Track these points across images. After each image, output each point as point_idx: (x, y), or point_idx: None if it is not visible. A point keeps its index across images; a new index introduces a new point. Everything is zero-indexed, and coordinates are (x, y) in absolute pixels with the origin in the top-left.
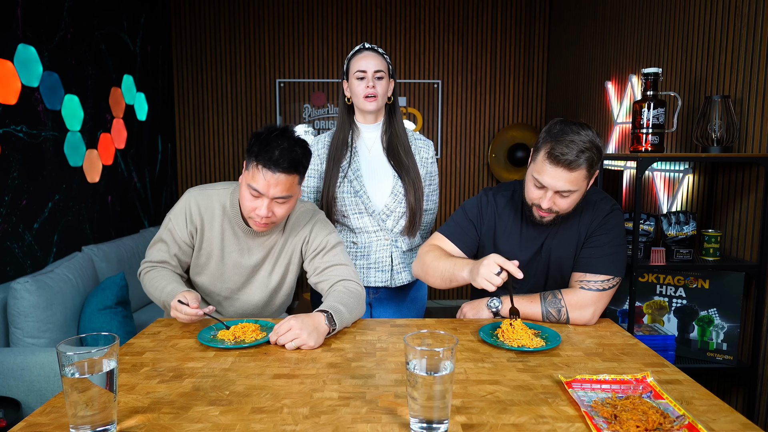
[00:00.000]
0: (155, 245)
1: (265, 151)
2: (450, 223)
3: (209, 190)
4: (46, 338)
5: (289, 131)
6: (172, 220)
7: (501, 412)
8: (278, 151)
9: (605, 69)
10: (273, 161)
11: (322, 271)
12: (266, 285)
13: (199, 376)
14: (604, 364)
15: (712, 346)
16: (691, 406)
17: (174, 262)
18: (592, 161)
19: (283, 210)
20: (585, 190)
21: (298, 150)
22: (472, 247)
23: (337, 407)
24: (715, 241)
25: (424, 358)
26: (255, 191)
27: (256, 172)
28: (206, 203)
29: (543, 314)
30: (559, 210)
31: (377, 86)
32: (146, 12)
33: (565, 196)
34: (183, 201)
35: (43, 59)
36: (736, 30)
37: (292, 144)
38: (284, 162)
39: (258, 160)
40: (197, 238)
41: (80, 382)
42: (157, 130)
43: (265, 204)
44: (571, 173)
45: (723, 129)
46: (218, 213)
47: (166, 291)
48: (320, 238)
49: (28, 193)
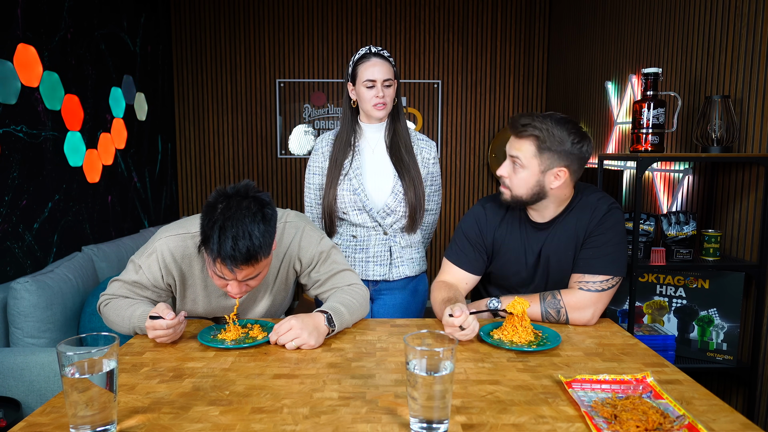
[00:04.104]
0: (117, 286)
1: (218, 246)
2: (453, 248)
3: (183, 233)
4: (46, 338)
5: (245, 197)
6: (144, 270)
7: (501, 412)
8: (231, 243)
9: (605, 69)
10: (228, 258)
11: (324, 282)
12: (257, 311)
13: (199, 376)
14: (604, 364)
15: (712, 346)
16: (691, 406)
17: (143, 301)
18: (539, 140)
19: (258, 281)
20: (537, 175)
21: (256, 233)
22: (480, 265)
23: (337, 407)
24: (715, 241)
25: (424, 358)
26: (220, 277)
27: (217, 263)
28: (182, 251)
29: (542, 314)
30: (510, 185)
31: (386, 94)
32: (146, 12)
33: (516, 167)
34: (156, 250)
35: (43, 59)
36: (736, 30)
37: (249, 226)
38: (240, 257)
39: (212, 255)
40: (178, 288)
41: (80, 382)
42: (157, 130)
43: (236, 284)
44: (521, 141)
45: (723, 129)
46: (196, 259)
47: (137, 315)
48: (311, 251)
49: (28, 193)
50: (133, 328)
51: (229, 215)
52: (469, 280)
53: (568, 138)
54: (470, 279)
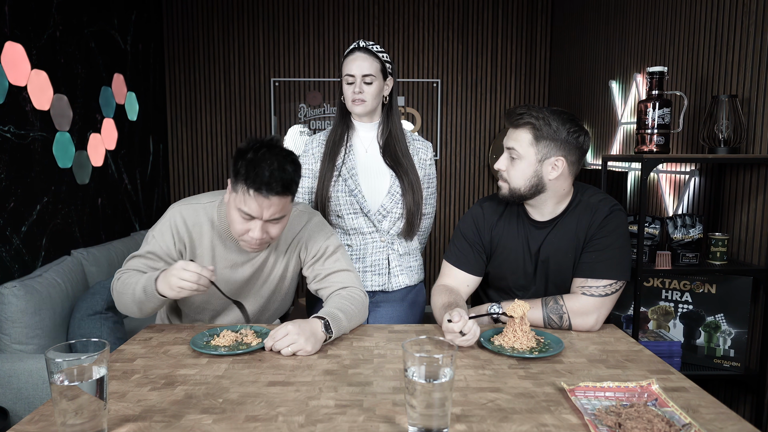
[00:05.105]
0: (132, 260)
1: (255, 174)
2: (452, 249)
3: (194, 204)
4: (34, 344)
5: (276, 145)
6: (157, 237)
7: (502, 420)
8: (268, 172)
9: (609, 67)
10: (264, 184)
11: (324, 278)
12: (260, 295)
13: (191, 383)
14: (608, 371)
15: (719, 353)
16: (698, 414)
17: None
18: (535, 128)
19: (278, 229)
20: (534, 165)
21: (289, 168)
22: (480, 266)
23: (334, 415)
24: (722, 245)
25: (423, 365)
26: (247, 215)
27: (246, 197)
28: (193, 219)
29: (544, 320)
30: (508, 178)
31: (365, 91)
32: (137, 9)
33: (513, 159)
34: (168, 217)
35: (32, 57)
36: (744, 27)
37: (282, 162)
38: (277, 186)
39: (247, 184)
40: (187, 256)
41: (69, 390)
42: (149, 131)
43: (259, 226)
44: (517, 132)
45: (730, 129)
46: (207, 228)
47: (145, 276)
48: (319, 243)
49: (16, 195)
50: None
51: (263, 154)
52: (470, 282)
53: (563, 127)
54: (471, 280)
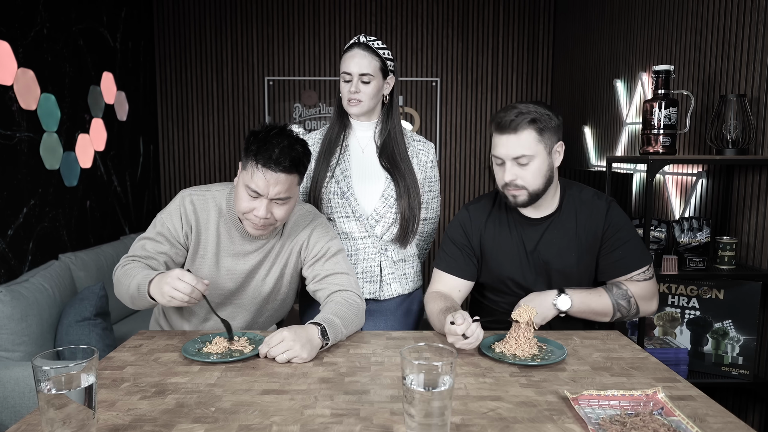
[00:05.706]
0: (139, 242)
1: (265, 150)
2: (442, 255)
3: (204, 190)
4: (20, 351)
5: (288, 129)
6: (165, 219)
7: (503, 430)
8: (278, 149)
9: (614, 66)
10: (273, 160)
11: (322, 279)
12: (259, 291)
13: (183, 391)
14: (612, 379)
15: (727, 360)
16: (705, 423)
17: (161, 260)
18: (537, 122)
19: (282, 211)
20: (547, 159)
21: (298, 148)
22: (471, 270)
23: (330, 425)
24: (730, 249)
25: (422, 373)
26: (253, 192)
27: (255, 172)
28: (202, 203)
29: (613, 306)
30: (525, 184)
31: (362, 90)
32: (127, 6)
33: (523, 165)
34: (177, 200)
35: (18, 55)
36: (752, 25)
37: (292, 142)
38: (285, 160)
39: (257, 159)
40: (192, 240)
41: (57, 398)
42: (139, 131)
43: (264, 204)
44: (519, 135)
45: (738, 129)
46: (214, 214)
47: (143, 273)
48: (321, 244)
49: (2, 197)
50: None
51: (275, 134)
52: (462, 287)
53: (550, 113)
54: (463, 286)
